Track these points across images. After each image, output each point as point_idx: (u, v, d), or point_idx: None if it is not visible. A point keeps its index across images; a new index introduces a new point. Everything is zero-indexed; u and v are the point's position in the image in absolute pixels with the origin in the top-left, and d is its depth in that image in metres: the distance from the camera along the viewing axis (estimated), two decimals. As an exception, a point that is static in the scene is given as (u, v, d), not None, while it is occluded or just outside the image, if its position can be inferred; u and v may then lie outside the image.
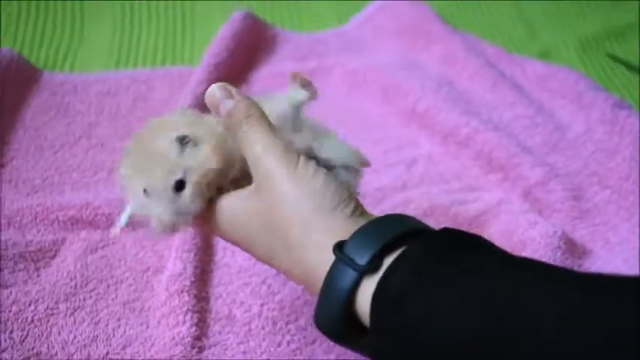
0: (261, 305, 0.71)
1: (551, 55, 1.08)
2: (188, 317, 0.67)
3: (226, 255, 0.76)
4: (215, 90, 0.54)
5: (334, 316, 0.48)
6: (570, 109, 0.94)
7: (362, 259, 0.47)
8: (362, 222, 0.49)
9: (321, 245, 0.49)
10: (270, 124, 0.52)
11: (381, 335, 0.45)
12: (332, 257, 0.48)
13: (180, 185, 0.51)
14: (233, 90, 0.54)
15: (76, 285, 0.72)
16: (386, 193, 0.83)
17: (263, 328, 0.69)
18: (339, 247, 0.48)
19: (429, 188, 0.84)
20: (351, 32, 1.11)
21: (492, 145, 0.86)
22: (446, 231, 0.48)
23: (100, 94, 0.96)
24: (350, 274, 0.47)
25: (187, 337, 0.66)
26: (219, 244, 0.77)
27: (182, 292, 0.69)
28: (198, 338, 0.66)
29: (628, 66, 1.06)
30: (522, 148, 0.86)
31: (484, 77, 0.98)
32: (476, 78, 0.99)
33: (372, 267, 0.46)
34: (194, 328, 0.67)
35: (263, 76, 1.01)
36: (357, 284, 0.47)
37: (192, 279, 0.71)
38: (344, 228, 0.49)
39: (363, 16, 1.13)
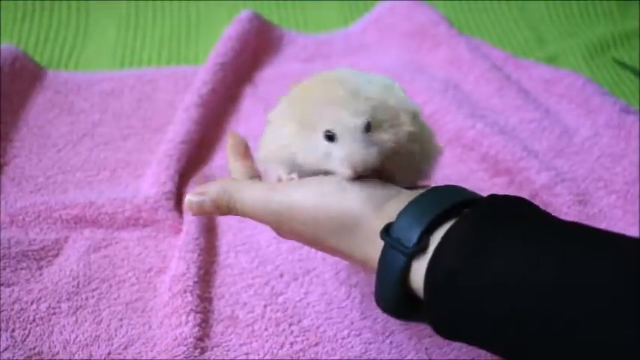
0: (265, 306, 0.70)
1: (558, 60, 1.08)
2: (191, 318, 0.67)
3: (229, 256, 0.76)
4: (190, 201, 0.58)
5: (392, 297, 0.50)
6: (577, 114, 0.94)
7: (409, 241, 0.48)
8: (405, 201, 0.50)
9: (374, 230, 0.50)
10: (244, 182, 0.58)
11: (436, 311, 0.47)
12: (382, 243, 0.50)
13: (369, 127, 0.52)
14: (200, 189, 0.58)
15: (78, 284, 0.71)
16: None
17: (266, 329, 0.68)
18: (387, 231, 0.49)
19: (435, 191, 0.84)
20: (356, 34, 1.11)
21: (498, 148, 0.86)
22: (492, 200, 0.49)
23: (104, 93, 0.96)
24: (399, 258, 0.48)
25: (190, 337, 0.65)
26: (223, 245, 0.77)
27: (185, 292, 0.69)
28: (200, 339, 0.66)
29: (634, 71, 1.05)
30: (528, 152, 0.86)
31: (490, 81, 0.98)
32: (482, 81, 0.98)
33: (420, 248, 0.48)
34: (197, 329, 0.66)
35: (269, 76, 1.01)
36: (407, 266, 0.48)
37: (196, 279, 0.71)
38: (396, 209, 0.50)
39: (369, 18, 1.12)
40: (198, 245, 0.74)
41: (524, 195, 0.83)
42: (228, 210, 0.58)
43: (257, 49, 1.04)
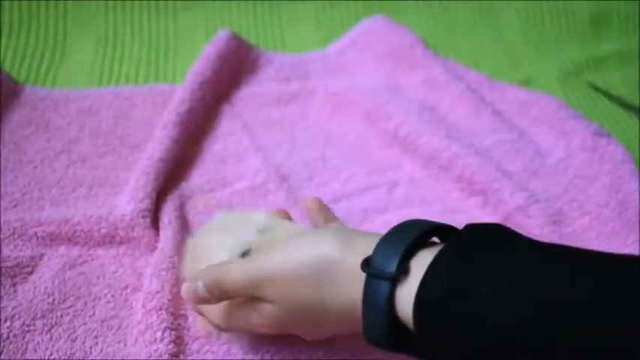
0: (241, 325, 0.70)
1: (533, 83, 1.09)
2: (166, 334, 0.66)
3: (206, 274, 0.76)
4: (188, 288, 0.62)
5: (379, 326, 0.51)
6: (551, 136, 0.95)
7: (390, 268, 0.50)
8: (377, 238, 0.53)
9: (352, 269, 0.52)
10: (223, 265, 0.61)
11: (426, 341, 0.48)
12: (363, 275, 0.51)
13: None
14: (194, 276, 0.62)
15: (53, 301, 0.71)
16: (367, 215, 0.84)
17: (242, 347, 0.68)
18: (367, 263, 0.51)
19: (411, 210, 0.85)
20: (333, 55, 1.12)
21: (473, 169, 0.87)
22: (473, 228, 0.51)
23: (81, 110, 0.96)
24: (383, 285, 0.50)
25: (165, 354, 0.65)
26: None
27: (160, 309, 0.69)
28: (176, 355, 0.66)
29: (608, 96, 1.07)
30: (503, 173, 0.87)
31: (465, 102, 0.99)
32: (457, 103, 1.00)
33: (402, 272, 0.49)
34: (171, 346, 0.66)
35: (246, 96, 1.01)
36: (392, 291, 0.50)
37: (170, 297, 0.70)
38: (368, 246, 0.53)
39: (346, 40, 1.13)
40: (172, 263, 0.74)
41: (499, 216, 0.84)
42: (221, 294, 0.60)
43: (235, 69, 1.04)
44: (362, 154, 0.94)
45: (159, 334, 0.67)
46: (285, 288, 0.56)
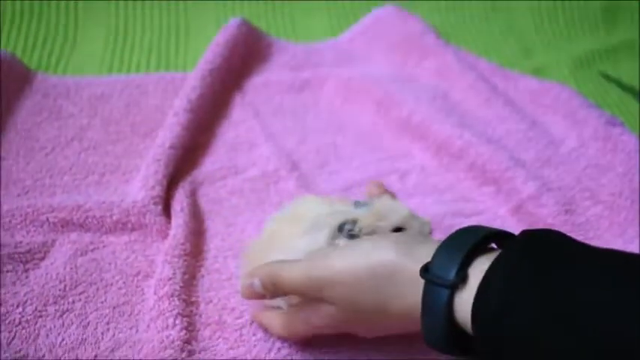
0: (253, 312, 0.70)
1: (544, 72, 1.09)
2: (178, 321, 0.66)
3: (217, 261, 0.76)
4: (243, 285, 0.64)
5: (439, 331, 0.52)
6: (563, 125, 0.95)
7: (449, 275, 0.51)
8: (436, 245, 0.54)
9: (410, 275, 0.53)
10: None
11: (487, 345, 0.49)
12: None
13: None
14: (250, 272, 0.64)
15: (65, 287, 0.71)
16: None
17: (254, 334, 0.68)
18: (426, 269, 0.52)
19: (422, 199, 0.85)
20: (345, 44, 1.11)
21: (486, 158, 0.86)
22: (529, 233, 0.51)
23: (92, 97, 0.96)
24: (442, 292, 0.51)
25: (177, 340, 0.65)
26: (211, 249, 0.77)
27: (172, 296, 0.68)
28: (187, 342, 0.65)
29: (620, 85, 1.06)
30: (515, 161, 0.86)
31: (477, 91, 0.99)
32: (469, 92, 0.99)
33: (460, 279, 0.50)
34: (183, 332, 0.66)
35: (258, 84, 1.01)
36: (451, 298, 0.51)
37: (181, 284, 0.70)
38: (427, 254, 0.54)
39: (357, 29, 1.13)
40: (184, 250, 0.74)
41: (511, 204, 0.83)
42: (275, 289, 0.62)
43: (246, 56, 1.04)
44: (373, 142, 0.93)
45: (171, 320, 0.66)
46: (347, 290, 0.57)
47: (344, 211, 0.64)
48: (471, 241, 0.52)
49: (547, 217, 0.81)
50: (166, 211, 0.80)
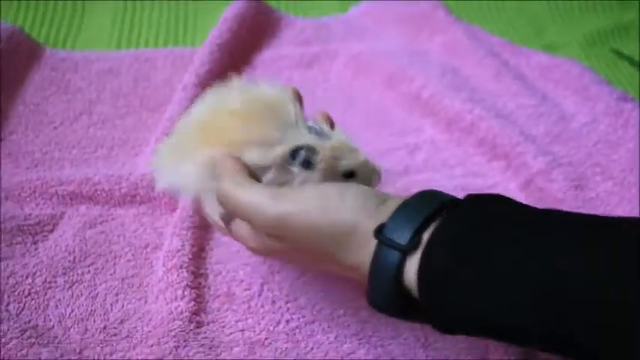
0: (261, 284, 0.70)
1: (556, 50, 1.08)
2: (187, 292, 0.67)
3: (226, 234, 0.76)
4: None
5: (387, 295, 0.51)
6: (574, 100, 0.94)
7: (403, 239, 0.50)
8: (394, 205, 0.52)
9: (368, 233, 0.52)
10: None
11: (432, 309, 0.49)
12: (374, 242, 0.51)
13: None
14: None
15: (74, 259, 0.71)
16: (388, 178, 0.83)
17: (262, 306, 0.68)
18: (380, 231, 0.51)
19: (432, 174, 0.84)
20: (355, 19, 1.10)
21: (496, 132, 0.86)
22: (472, 199, 0.51)
23: (101, 71, 0.96)
24: (393, 255, 0.50)
25: (185, 311, 0.65)
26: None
27: (180, 267, 0.69)
28: (196, 313, 0.66)
29: (631, 61, 1.06)
30: (526, 136, 0.86)
31: (487, 66, 0.98)
32: (479, 67, 0.98)
33: (413, 245, 0.49)
34: (192, 304, 0.66)
35: (267, 59, 1.01)
36: (402, 262, 0.50)
37: (190, 256, 0.71)
38: (386, 213, 0.52)
39: (367, 4, 1.12)
40: (192, 223, 0.74)
41: (521, 179, 0.83)
42: (222, 203, 0.57)
43: (255, 31, 1.04)
44: (383, 116, 0.93)
45: (179, 292, 0.67)
46: (301, 235, 0.54)
47: (296, 133, 0.58)
48: (429, 208, 0.51)
49: (557, 192, 0.81)
50: (175, 184, 0.79)
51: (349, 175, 0.58)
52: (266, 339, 0.66)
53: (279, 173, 0.57)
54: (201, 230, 0.75)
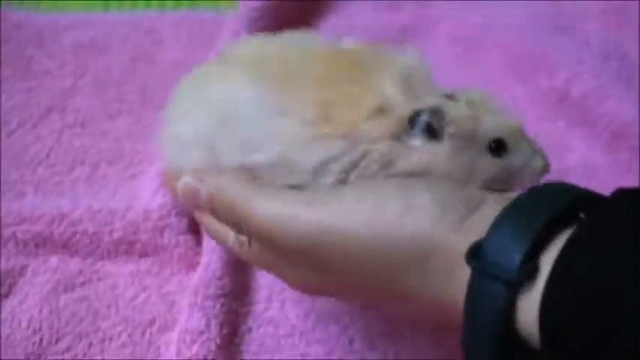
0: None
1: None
2: (214, 401, 0.66)
3: (272, 307, 0.75)
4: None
5: (489, 345, 0.50)
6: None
7: (511, 265, 0.48)
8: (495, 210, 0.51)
9: (454, 256, 0.51)
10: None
11: None
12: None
13: None
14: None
15: (41, 341, 0.71)
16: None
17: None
18: (475, 253, 0.49)
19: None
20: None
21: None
22: (628, 195, 0.50)
23: (79, 46, 0.96)
24: (498, 290, 0.48)
25: None
26: (262, 287, 0.76)
27: (204, 359, 0.68)
28: None
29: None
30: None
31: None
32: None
33: (528, 272, 0.48)
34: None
35: (330, 30, 1.00)
36: (512, 299, 0.48)
37: (218, 341, 0.70)
38: (481, 224, 0.51)
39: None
40: (221, 287, 0.73)
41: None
42: (233, 219, 0.58)
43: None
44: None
45: (203, 400, 0.66)
46: (346, 261, 0.53)
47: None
48: (548, 211, 0.49)
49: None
50: (194, 226, 0.79)
51: (496, 149, 0.56)
52: None
53: (390, 150, 0.56)
54: (235, 300, 0.74)
